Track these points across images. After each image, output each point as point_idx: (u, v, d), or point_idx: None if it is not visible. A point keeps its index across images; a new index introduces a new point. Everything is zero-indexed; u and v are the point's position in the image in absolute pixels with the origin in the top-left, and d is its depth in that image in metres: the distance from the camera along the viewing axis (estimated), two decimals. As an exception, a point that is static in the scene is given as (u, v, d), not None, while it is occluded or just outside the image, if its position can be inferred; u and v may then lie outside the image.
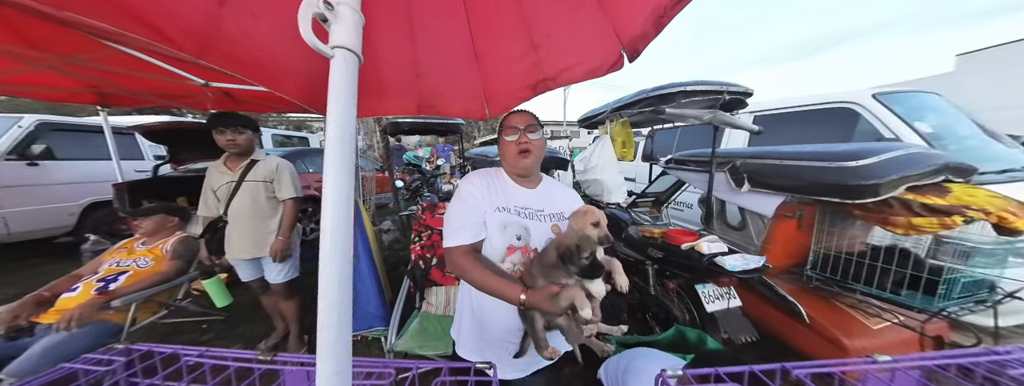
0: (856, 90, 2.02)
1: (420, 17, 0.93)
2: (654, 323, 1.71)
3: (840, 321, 1.27)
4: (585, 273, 0.65)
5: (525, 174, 0.85)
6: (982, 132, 1.87)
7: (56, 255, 3.18)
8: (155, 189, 2.82)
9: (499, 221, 0.77)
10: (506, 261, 0.77)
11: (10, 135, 2.90)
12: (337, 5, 0.41)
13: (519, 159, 0.81)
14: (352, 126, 0.43)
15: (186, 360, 0.60)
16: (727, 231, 1.90)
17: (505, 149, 0.83)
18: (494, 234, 0.77)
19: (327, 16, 0.41)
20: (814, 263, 1.42)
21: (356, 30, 0.43)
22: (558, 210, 0.84)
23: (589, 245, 0.68)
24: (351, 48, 0.42)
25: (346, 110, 0.42)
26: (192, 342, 1.86)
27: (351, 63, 0.43)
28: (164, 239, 1.66)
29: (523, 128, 0.80)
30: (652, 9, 0.79)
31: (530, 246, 0.78)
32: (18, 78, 1.57)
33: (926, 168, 1.15)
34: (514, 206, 0.80)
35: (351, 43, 0.42)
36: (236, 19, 0.69)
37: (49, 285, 1.36)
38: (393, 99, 1.19)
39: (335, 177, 0.42)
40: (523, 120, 0.82)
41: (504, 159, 0.85)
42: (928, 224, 1.05)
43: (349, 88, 0.42)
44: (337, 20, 0.41)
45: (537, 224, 0.80)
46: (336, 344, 0.39)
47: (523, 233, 0.77)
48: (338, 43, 0.41)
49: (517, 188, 0.84)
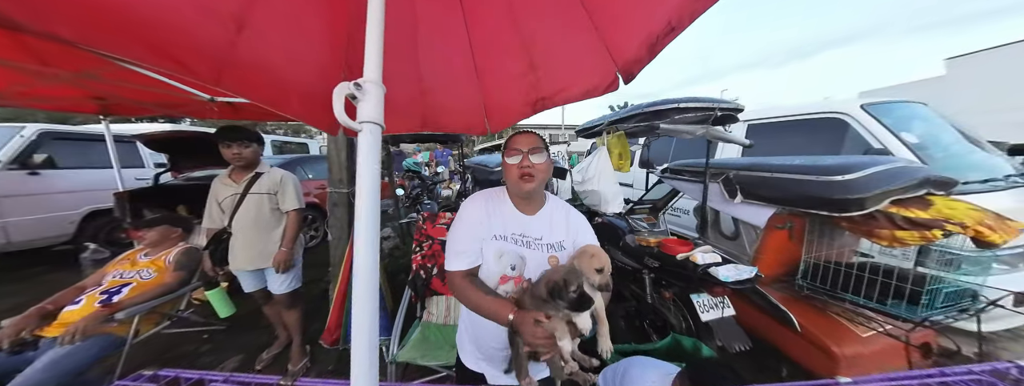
0: (845, 101, 2.08)
1: (426, 37, 0.97)
2: (651, 331, 1.73)
3: (830, 330, 1.31)
4: (573, 306, 0.66)
5: (527, 197, 0.83)
6: (966, 141, 1.93)
7: (56, 264, 3.16)
8: (156, 198, 2.81)
9: (495, 249, 0.77)
10: (498, 289, 0.78)
11: (12, 145, 2.91)
12: (364, 84, 0.47)
13: (521, 183, 0.79)
14: (377, 188, 0.49)
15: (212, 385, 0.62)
16: (721, 240, 1.94)
17: (508, 171, 0.81)
18: (490, 261, 0.77)
19: (357, 95, 0.46)
20: (805, 272, 1.46)
21: (379, 103, 0.49)
22: (557, 239, 0.82)
23: (576, 278, 0.67)
24: (376, 121, 0.48)
25: (373, 172, 0.48)
26: (193, 352, 1.86)
27: (376, 134, 0.49)
28: (167, 250, 1.67)
29: (526, 151, 0.78)
30: (646, 36, 0.83)
31: (524, 276, 0.78)
32: (26, 91, 1.59)
33: (908, 182, 1.19)
34: (511, 234, 0.79)
35: (375, 117, 0.48)
36: (251, 44, 0.73)
37: (52, 298, 1.37)
38: (400, 117, 1.23)
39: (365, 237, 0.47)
40: (528, 142, 0.79)
41: (507, 179, 0.83)
42: (910, 237, 1.09)
43: (375, 155, 0.49)
44: (364, 97, 0.47)
45: (534, 253, 0.78)
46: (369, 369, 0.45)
47: (518, 263, 0.77)
48: (365, 118, 0.47)
49: (517, 214, 0.83)
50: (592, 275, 0.71)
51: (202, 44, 0.67)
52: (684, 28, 0.76)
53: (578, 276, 0.68)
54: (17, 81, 1.45)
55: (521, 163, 0.78)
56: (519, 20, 0.93)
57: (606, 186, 1.77)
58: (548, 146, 0.83)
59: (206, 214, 1.62)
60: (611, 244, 2.11)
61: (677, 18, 0.75)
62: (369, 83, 0.48)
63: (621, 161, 1.78)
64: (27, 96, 1.68)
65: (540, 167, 0.78)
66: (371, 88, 0.48)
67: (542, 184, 0.82)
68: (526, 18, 0.93)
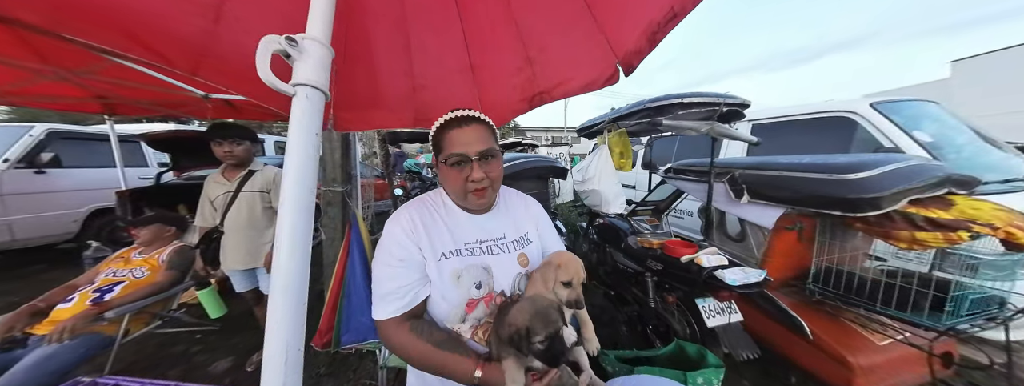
0: (854, 99, 2.01)
1: (418, 32, 0.94)
2: (654, 337, 1.67)
3: (845, 337, 1.24)
4: (544, 360, 0.51)
5: (482, 210, 0.68)
6: (982, 140, 1.85)
7: (58, 262, 3.19)
8: (157, 196, 2.85)
9: (450, 270, 0.60)
10: (468, 319, 0.60)
11: (21, 144, 2.96)
12: (302, 40, 0.39)
13: (472, 198, 0.61)
14: (313, 165, 0.41)
15: None
16: (727, 242, 1.88)
17: (448, 178, 0.61)
18: (447, 288, 0.59)
19: (290, 52, 0.38)
20: (816, 276, 1.39)
21: (323, 66, 0.41)
22: (521, 232, 0.69)
23: (544, 326, 0.51)
24: (315, 85, 0.40)
25: (306, 148, 0.39)
26: (184, 352, 1.84)
27: (315, 100, 0.40)
28: (160, 249, 1.66)
29: (475, 157, 0.58)
30: (646, 26, 0.80)
31: (495, 290, 0.62)
32: (29, 89, 1.60)
33: (928, 180, 1.13)
34: (465, 245, 0.63)
35: (315, 80, 0.40)
36: (230, 36, 0.70)
37: (44, 295, 1.36)
38: (391, 112, 1.20)
39: (293, 216, 0.39)
40: (474, 140, 0.58)
41: (448, 189, 0.65)
42: (932, 239, 1.03)
43: (311, 126, 0.40)
44: (301, 57, 0.39)
45: (501, 258, 0.64)
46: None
47: (483, 277, 0.61)
48: (301, 80, 0.39)
49: (466, 218, 0.66)
50: (559, 290, 0.59)
51: (179, 34, 0.65)
52: (687, 13, 0.72)
53: (551, 321, 0.52)
54: (17, 78, 1.46)
55: (469, 175, 0.58)
56: (515, 13, 0.90)
57: (607, 186, 1.71)
58: (497, 135, 0.65)
59: (198, 213, 1.60)
60: (613, 246, 2.06)
61: (680, 4, 0.71)
62: (308, 40, 0.40)
63: (623, 160, 1.73)
64: (30, 94, 1.70)
65: (494, 173, 0.61)
66: (311, 47, 0.40)
67: (496, 191, 0.67)
68: (523, 10, 0.89)
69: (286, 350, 0.36)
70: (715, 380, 1.19)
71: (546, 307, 0.54)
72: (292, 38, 0.38)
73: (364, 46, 0.92)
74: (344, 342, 1.69)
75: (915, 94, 2.13)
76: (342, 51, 0.92)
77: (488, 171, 0.60)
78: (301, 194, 0.39)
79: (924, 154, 1.64)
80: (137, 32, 0.59)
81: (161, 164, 3.69)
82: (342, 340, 1.69)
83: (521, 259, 0.66)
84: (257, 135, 1.65)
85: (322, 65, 0.41)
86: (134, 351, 1.74)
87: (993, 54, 7.80)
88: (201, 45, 0.68)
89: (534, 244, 0.71)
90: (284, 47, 0.38)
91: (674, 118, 1.49)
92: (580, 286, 0.61)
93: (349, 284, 1.68)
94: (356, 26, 0.86)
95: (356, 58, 0.94)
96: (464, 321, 0.61)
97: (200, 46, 0.68)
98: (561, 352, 0.51)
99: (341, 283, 1.68)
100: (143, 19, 0.59)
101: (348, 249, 1.70)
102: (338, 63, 0.94)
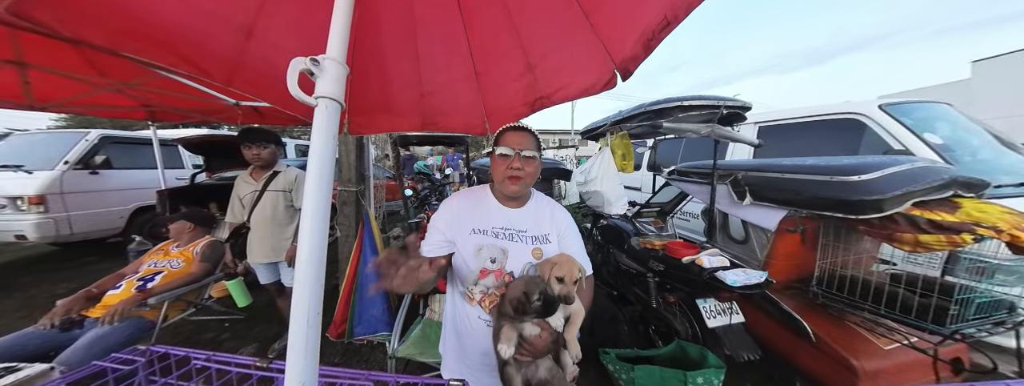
0: (862, 101, 1.97)
1: (426, 42, 1.02)
2: (656, 337, 1.68)
3: (849, 341, 1.22)
4: (542, 314, 0.65)
5: (513, 197, 0.81)
6: (998, 142, 1.79)
7: (107, 254, 3.50)
8: (191, 195, 3.09)
9: (474, 244, 0.75)
10: (479, 284, 0.75)
11: (78, 148, 3.29)
12: (323, 60, 0.47)
13: (508, 183, 0.77)
14: (331, 165, 0.48)
15: (195, 363, 0.67)
16: (730, 244, 1.86)
17: (495, 167, 0.79)
18: (469, 257, 0.75)
19: (314, 71, 0.46)
20: (820, 279, 1.37)
21: (339, 81, 0.49)
22: (543, 232, 0.80)
23: (535, 286, 0.65)
24: (334, 97, 0.47)
25: (327, 150, 0.47)
26: (214, 338, 1.99)
27: (333, 110, 0.48)
28: (195, 242, 1.82)
29: (518, 151, 0.75)
30: (641, 32, 0.84)
31: (506, 269, 0.75)
32: (89, 100, 1.82)
33: (933, 183, 1.11)
34: (492, 227, 0.78)
35: (334, 93, 0.48)
36: (259, 52, 0.80)
37: (98, 282, 1.52)
38: (400, 116, 1.29)
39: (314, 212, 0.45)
40: (519, 141, 0.76)
41: (493, 176, 0.81)
42: (936, 241, 1.01)
43: (330, 131, 0.47)
44: (322, 74, 0.47)
45: (517, 246, 0.76)
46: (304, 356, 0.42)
47: (499, 256, 0.75)
48: (322, 93, 0.47)
49: (500, 208, 0.81)
50: (553, 285, 0.69)
51: (216, 50, 0.75)
52: (680, 21, 0.76)
53: (537, 284, 0.66)
54: (80, 90, 1.67)
55: (511, 163, 0.75)
56: (516, 22, 0.96)
57: (609, 187, 1.75)
58: (540, 146, 0.81)
59: (229, 209, 1.74)
60: (616, 246, 2.07)
61: (672, 12, 0.75)
62: (329, 60, 0.47)
63: (624, 162, 1.76)
64: (89, 104, 1.92)
65: (529, 169, 0.76)
66: (330, 65, 0.47)
67: (529, 186, 0.80)
68: (523, 20, 0.95)
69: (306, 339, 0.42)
70: (716, 380, 1.19)
71: (531, 279, 0.69)
72: (316, 59, 0.46)
73: (377, 56, 1.01)
74: (357, 334, 1.79)
75: (935, 95, 2.05)
76: (357, 61, 1.01)
77: (525, 165, 0.76)
78: (322, 188, 0.46)
79: (935, 157, 1.60)
80: (182, 49, 0.70)
81: (195, 166, 3.98)
82: (355, 332, 1.80)
83: (536, 252, 0.77)
84: (281, 139, 1.79)
85: (339, 80, 0.49)
86: (172, 335, 1.91)
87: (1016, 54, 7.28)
88: (235, 60, 0.78)
89: (552, 245, 0.80)
90: (309, 66, 0.45)
91: (674, 121, 1.52)
92: (573, 284, 0.69)
93: (361, 278, 1.79)
94: (371, 38, 0.95)
95: (369, 67, 1.03)
96: (476, 284, 0.75)
97: (234, 61, 0.78)
98: (552, 302, 0.65)
99: (354, 278, 1.79)
100: (188, 38, 0.69)
101: (361, 246, 1.82)
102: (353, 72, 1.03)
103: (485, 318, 0.75)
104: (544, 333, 0.66)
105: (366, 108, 1.17)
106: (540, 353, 0.66)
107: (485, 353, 0.73)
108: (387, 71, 1.07)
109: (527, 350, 0.64)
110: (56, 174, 3.11)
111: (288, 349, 0.42)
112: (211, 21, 0.70)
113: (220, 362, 0.68)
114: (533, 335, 0.65)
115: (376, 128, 1.29)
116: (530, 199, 0.86)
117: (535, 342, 0.65)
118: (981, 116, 1.93)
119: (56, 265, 3.36)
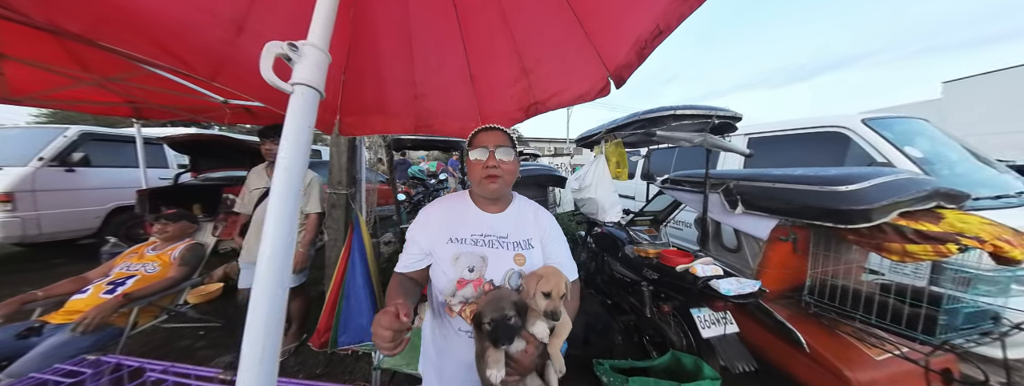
0: (846, 115, 2.05)
1: (421, 44, 1.01)
2: (650, 347, 1.65)
3: (841, 351, 1.22)
4: (490, 339, 0.59)
5: (492, 198, 0.78)
6: (973, 157, 1.87)
7: (78, 256, 3.31)
8: (173, 196, 2.98)
9: (451, 253, 0.72)
10: (457, 295, 0.71)
11: (55, 144, 3.16)
12: (302, 46, 0.44)
13: (486, 183, 0.74)
14: (304, 158, 0.43)
15: (149, 375, 0.61)
16: (723, 253, 1.87)
17: (471, 170, 0.76)
18: (447, 266, 0.72)
19: (291, 56, 0.43)
20: (812, 288, 1.38)
21: (320, 68, 0.45)
22: (525, 236, 0.77)
23: (492, 312, 0.60)
24: (312, 84, 0.44)
25: (301, 141, 0.43)
26: (188, 347, 1.87)
27: (311, 98, 0.44)
28: (172, 246, 1.73)
29: (492, 149, 0.73)
30: (634, 41, 0.85)
31: (485, 278, 0.71)
32: (70, 94, 1.75)
33: (917, 193, 1.14)
34: (471, 235, 0.74)
35: (312, 80, 0.44)
36: (249, 48, 0.78)
37: (45, 287, 1.40)
38: (393, 118, 1.27)
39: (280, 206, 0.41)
40: (494, 139, 0.74)
41: (471, 178, 0.78)
42: (922, 251, 1.03)
43: (306, 121, 0.43)
44: (301, 59, 0.44)
45: (498, 252, 0.73)
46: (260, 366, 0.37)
47: (477, 264, 0.71)
48: (299, 80, 0.43)
49: (479, 214, 0.78)
50: (539, 300, 0.65)
51: (201, 42, 0.73)
52: (672, 30, 0.77)
53: (495, 308, 0.60)
54: (59, 83, 1.60)
55: (487, 162, 0.72)
56: (512, 27, 0.97)
57: (603, 194, 1.75)
58: (515, 144, 0.78)
59: (239, 199, 1.74)
60: (610, 254, 2.06)
61: (665, 21, 0.77)
62: (309, 46, 0.44)
63: (619, 169, 1.77)
64: (70, 99, 1.84)
65: (507, 167, 0.74)
66: (310, 51, 0.44)
67: (509, 184, 0.78)
68: (519, 25, 0.96)
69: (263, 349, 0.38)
70: (711, 392, 1.17)
71: (500, 297, 0.63)
72: (294, 44, 0.42)
73: (371, 55, 0.99)
74: (341, 343, 1.71)
75: (910, 113, 2.17)
76: (350, 60, 0.99)
77: (502, 163, 0.73)
78: (291, 181, 0.42)
79: (915, 169, 1.65)
80: (165, 41, 0.67)
81: (180, 166, 3.86)
82: (339, 340, 1.72)
83: (518, 258, 0.74)
84: None
85: (319, 67, 0.45)
86: (141, 343, 1.79)
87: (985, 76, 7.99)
88: (222, 54, 0.75)
89: (536, 250, 0.77)
90: (285, 51, 0.42)
91: (668, 129, 1.54)
92: (559, 299, 0.66)
93: (348, 285, 1.72)
94: (365, 36, 0.93)
95: (363, 66, 1.01)
96: (454, 295, 0.71)
97: (221, 55, 0.75)
98: (502, 335, 0.58)
99: (341, 284, 1.72)
100: (172, 29, 0.67)
101: (349, 251, 1.75)
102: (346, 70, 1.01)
103: (466, 329, 0.71)
104: (530, 347, 0.63)
105: (359, 108, 1.15)
106: (528, 370, 0.63)
107: (469, 368, 0.67)
108: (381, 71, 1.06)
109: (513, 368, 0.61)
110: (28, 171, 2.96)
111: (241, 360, 0.37)
112: (198, 13, 0.67)
113: (178, 374, 0.62)
114: (519, 351, 0.62)
115: (369, 129, 1.27)
116: (512, 203, 0.82)
117: (521, 359, 0.61)
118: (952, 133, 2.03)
119: (18, 267, 3.15)
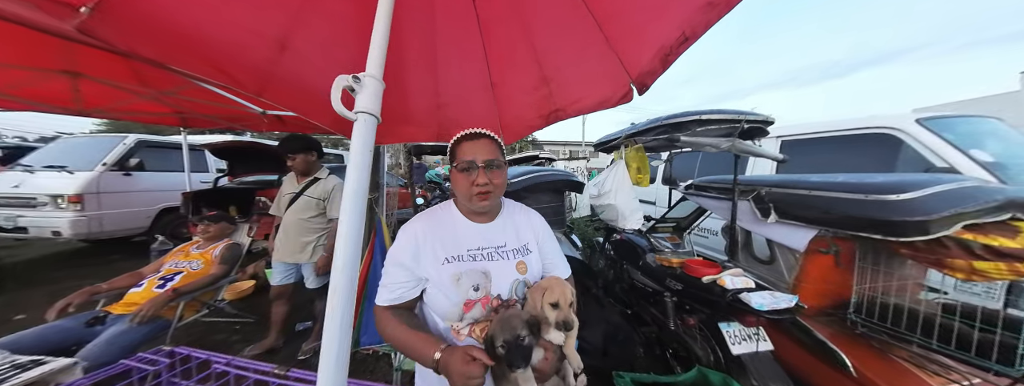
0: (897, 114, 1.87)
1: (445, 54, 1.04)
2: (674, 362, 1.58)
3: (897, 378, 1.10)
4: (506, 362, 0.56)
5: (483, 212, 0.72)
6: None
7: (131, 253, 3.65)
8: (213, 198, 3.23)
9: (450, 274, 0.65)
10: (465, 318, 0.65)
11: (116, 151, 3.57)
12: (363, 77, 0.50)
13: (476, 200, 0.67)
14: (368, 176, 0.51)
15: (215, 367, 0.68)
16: (754, 264, 1.76)
17: (457, 183, 0.69)
18: (448, 289, 0.65)
19: (355, 87, 0.49)
20: (858, 306, 1.26)
21: (377, 96, 0.52)
22: (522, 242, 0.74)
23: (503, 333, 0.57)
24: (371, 112, 0.51)
25: (364, 162, 0.50)
26: (225, 340, 2.01)
27: (370, 124, 0.51)
28: (214, 245, 1.87)
29: (482, 165, 0.65)
30: (659, 48, 0.84)
31: (492, 293, 0.67)
32: (129, 107, 1.96)
33: (986, 204, 1.01)
34: (468, 250, 0.68)
35: (371, 108, 0.51)
36: (290, 65, 0.84)
37: (109, 281, 1.55)
38: (418, 126, 1.32)
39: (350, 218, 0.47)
40: (482, 153, 0.66)
41: (457, 192, 0.71)
42: (994, 269, 0.91)
43: (368, 144, 0.50)
44: (362, 90, 0.50)
45: (500, 264, 0.69)
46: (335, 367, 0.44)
47: (481, 281, 0.66)
48: (361, 109, 0.50)
49: (470, 226, 0.72)
50: (548, 312, 0.63)
51: (249, 61, 0.79)
52: (698, 38, 0.75)
53: (507, 328, 0.58)
54: (122, 97, 1.79)
55: (475, 180, 0.66)
56: (533, 36, 0.98)
57: (623, 200, 1.70)
58: (504, 151, 0.73)
59: (275, 204, 1.86)
60: (630, 263, 2.00)
61: (690, 28, 0.75)
62: (368, 77, 0.51)
63: (640, 175, 1.72)
64: (128, 111, 2.06)
65: (498, 182, 0.68)
66: (370, 82, 0.50)
67: (499, 197, 0.73)
68: (540, 35, 0.97)
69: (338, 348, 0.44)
70: (741, 414, 1.10)
71: (510, 317, 0.60)
72: (357, 77, 0.49)
73: (398, 68, 1.03)
74: (363, 343, 1.76)
75: (978, 108, 1.94)
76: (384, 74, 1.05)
77: (492, 177, 0.67)
78: (358, 198, 0.48)
79: (986, 175, 1.48)
80: (220, 62, 0.74)
81: (219, 170, 4.18)
82: (361, 341, 1.77)
83: (520, 267, 0.71)
84: (320, 148, 1.81)
85: (376, 95, 0.52)
86: (185, 335, 1.94)
87: None
88: (267, 71, 0.81)
89: (534, 254, 0.75)
90: (351, 83, 0.48)
91: (692, 135, 1.48)
92: (569, 308, 0.64)
93: (371, 287, 1.78)
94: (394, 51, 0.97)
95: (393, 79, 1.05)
96: (462, 319, 0.66)
97: (266, 72, 0.81)
98: (517, 356, 0.56)
99: (364, 286, 1.78)
100: (225, 51, 0.73)
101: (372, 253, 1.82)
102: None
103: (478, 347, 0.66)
104: (549, 354, 0.63)
105: (389, 118, 1.19)
106: (548, 376, 0.63)
107: None
108: (407, 82, 1.10)
109: (537, 376, 0.61)
110: (94, 175, 3.32)
111: (321, 357, 0.43)
112: (247, 35, 0.73)
113: (239, 367, 0.68)
114: (539, 360, 0.61)
115: (397, 138, 1.32)
116: (501, 208, 0.77)
117: (542, 367, 0.61)
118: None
119: (83, 261, 3.53)
